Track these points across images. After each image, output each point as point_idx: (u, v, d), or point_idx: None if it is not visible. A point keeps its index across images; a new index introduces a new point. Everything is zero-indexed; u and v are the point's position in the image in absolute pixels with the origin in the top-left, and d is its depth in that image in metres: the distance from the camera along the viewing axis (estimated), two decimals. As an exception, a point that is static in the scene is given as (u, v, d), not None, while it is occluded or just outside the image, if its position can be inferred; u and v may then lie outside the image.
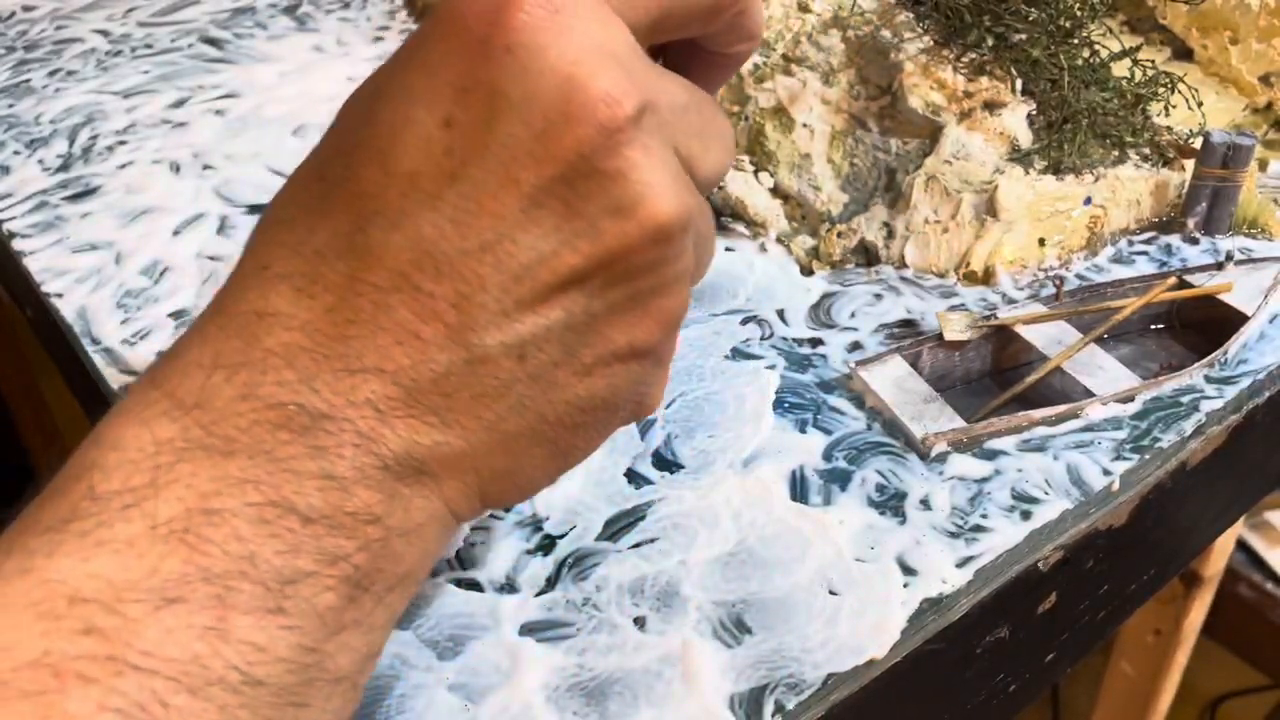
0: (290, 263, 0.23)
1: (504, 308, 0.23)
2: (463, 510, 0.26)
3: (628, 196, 0.23)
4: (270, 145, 0.59)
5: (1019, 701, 0.40)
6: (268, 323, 0.23)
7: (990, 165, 0.49)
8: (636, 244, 0.23)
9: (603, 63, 0.22)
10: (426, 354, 0.23)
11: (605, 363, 0.25)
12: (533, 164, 0.22)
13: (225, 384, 0.23)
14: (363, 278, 0.23)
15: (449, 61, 0.22)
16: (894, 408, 0.40)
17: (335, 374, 0.23)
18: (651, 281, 0.24)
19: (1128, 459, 0.38)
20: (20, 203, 0.55)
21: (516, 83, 0.22)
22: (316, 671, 0.23)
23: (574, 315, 0.24)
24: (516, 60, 0.22)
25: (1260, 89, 0.57)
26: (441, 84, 0.22)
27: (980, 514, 0.36)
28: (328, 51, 0.70)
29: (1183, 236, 0.50)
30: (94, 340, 0.45)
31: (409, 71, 0.23)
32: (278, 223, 0.24)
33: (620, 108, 0.22)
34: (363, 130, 0.23)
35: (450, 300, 0.23)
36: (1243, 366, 0.42)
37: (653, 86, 0.23)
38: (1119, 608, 0.43)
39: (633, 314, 0.25)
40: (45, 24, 0.76)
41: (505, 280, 0.23)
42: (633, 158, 0.22)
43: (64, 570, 0.21)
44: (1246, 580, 1.07)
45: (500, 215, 0.22)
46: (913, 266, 0.48)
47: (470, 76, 0.22)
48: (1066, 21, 0.50)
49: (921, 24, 0.52)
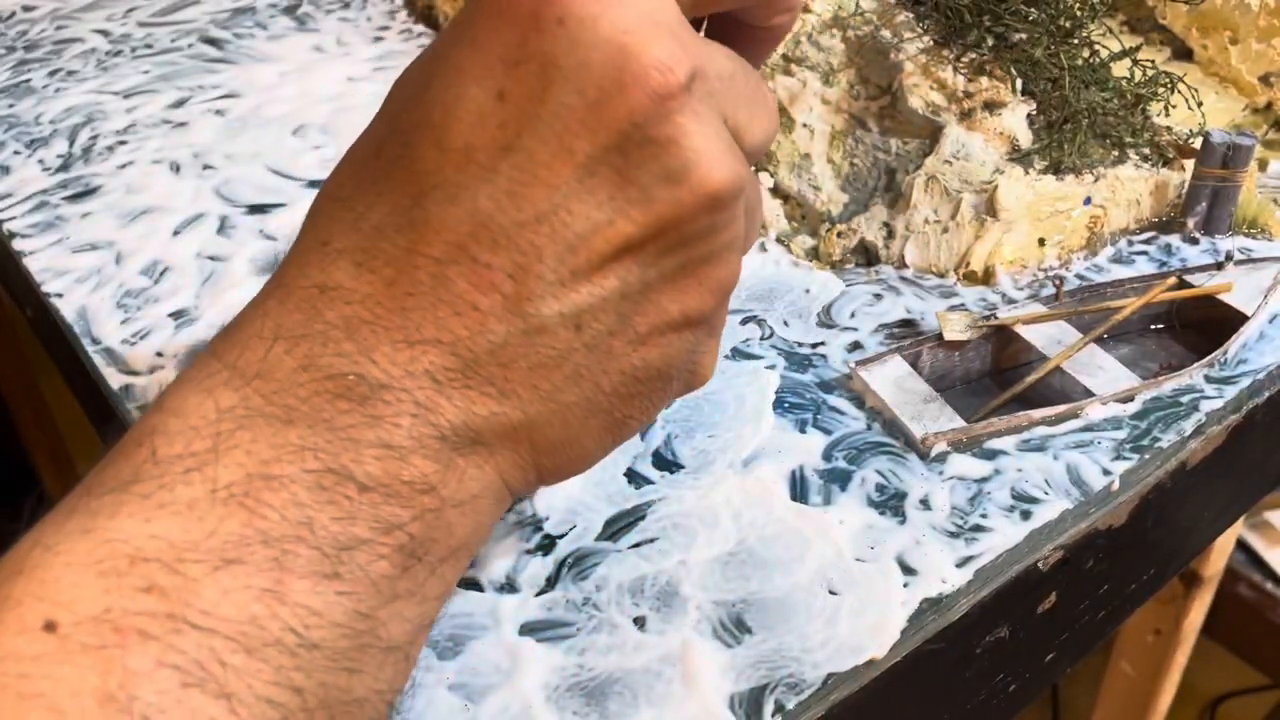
0: (349, 238, 0.24)
1: (560, 277, 0.23)
2: (516, 483, 0.26)
3: (680, 163, 0.23)
4: (270, 145, 0.59)
5: (1019, 701, 0.40)
6: (328, 296, 0.23)
7: (990, 165, 0.49)
8: (689, 211, 0.23)
9: (654, 31, 0.22)
10: (484, 325, 0.23)
11: (659, 331, 0.25)
12: (586, 133, 0.22)
13: (286, 355, 0.23)
14: (421, 251, 0.23)
15: (499, 36, 0.22)
16: (894, 408, 0.40)
17: (394, 345, 0.23)
18: (704, 249, 0.24)
19: (1127, 459, 0.38)
20: (20, 203, 0.55)
21: (569, 53, 0.22)
22: (370, 639, 0.23)
23: (629, 284, 0.24)
24: (568, 31, 0.22)
25: (1260, 89, 0.57)
26: (492, 59, 0.22)
27: (980, 514, 0.36)
28: (328, 51, 0.70)
29: (1183, 236, 0.50)
30: (94, 340, 0.45)
31: (459, 48, 0.23)
32: (336, 200, 0.25)
33: (672, 75, 0.22)
34: (417, 109, 0.23)
35: (507, 271, 0.23)
36: (1242, 366, 0.42)
37: (702, 54, 0.23)
38: (1119, 608, 0.43)
39: (686, 282, 0.25)
40: (45, 24, 0.76)
41: (561, 250, 0.23)
42: (685, 125, 0.22)
43: (126, 530, 0.21)
44: (1246, 580, 1.07)
45: (554, 185, 0.23)
46: (913, 266, 0.48)
47: (521, 49, 0.22)
48: (1066, 21, 0.50)
49: (921, 24, 0.52)
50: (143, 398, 0.42)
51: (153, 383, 0.43)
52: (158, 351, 0.44)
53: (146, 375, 0.43)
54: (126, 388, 0.43)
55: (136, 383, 0.43)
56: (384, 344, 0.23)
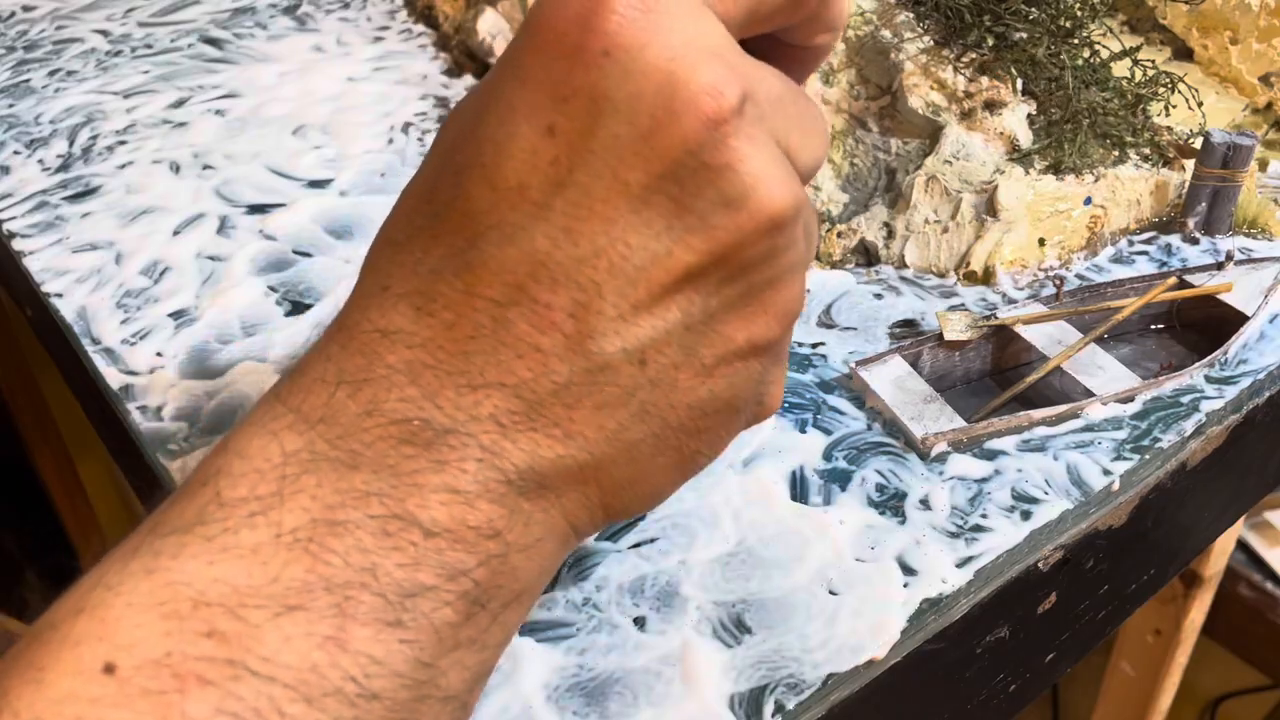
0: (409, 282, 0.23)
1: (621, 312, 0.23)
2: (583, 524, 0.25)
3: (737, 188, 0.22)
4: (270, 145, 0.59)
5: (1019, 701, 0.40)
6: (390, 340, 0.23)
7: (990, 165, 0.49)
8: (750, 236, 0.23)
9: (701, 56, 0.22)
10: (547, 366, 0.23)
11: (725, 361, 0.25)
12: (640, 163, 0.22)
13: (349, 400, 0.23)
14: (479, 293, 0.23)
15: (546, 71, 0.22)
16: (894, 408, 0.40)
17: (458, 389, 0.23)
18: (766, 274, 0.24)
19: (1128, 459, 0.38)
20: (20, 203, 0.55)
21: (617, 85, 0.22)
22: (430, 688, 0.23)
23: (691, 315, 0.24)
24: (615, 62, 0.22)
25: (1260, 89, 0.57)
26: (540, 94, 0.22)
27: (980, 514, 0.36)
28: (328, 51, 0.70)
29: (1183, 236, 0.50)
30: (94, 340, 0.45)
31: (506, 86, 0.23)
32: (393, 244, 0.24)
33: (724, 99, 0.22)
34: (467, 149, 0.23)
35: (567, 309, 0.23)
36: (1243, 366, 0.42)
37: (752, 76, 0.23)
38: (1119, 608, 0.43)
39: (750, 309, 0.24)
40: (45, 24, 0.76)
41: (621, 284, 0.23)
42: (739, 149, 0.22)
43: (189, 573, 0.21)
44: (1246, 580, 1.07)
45: (611, 219, 0.22)
46: (913, 266, 0.48)
47: (568, 84, 0.22)
48: (1067, 21, 0.50)
49: (921, 24, 0.52)
50: (142, 398, 0.42)
51: (152, 382, 0.43)
52: (157, 351, 0.44)
53: (146, 375, 0.43)
54: (126, 388, 0.43)
55: (136, 383, 0.43)
56: (447, 388, 0.23)
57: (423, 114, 0.62)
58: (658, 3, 0.22)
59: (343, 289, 0.48)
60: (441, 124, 0.25)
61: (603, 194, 0.22)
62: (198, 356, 0.44)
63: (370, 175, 0.56)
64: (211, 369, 0.43)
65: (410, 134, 0.60)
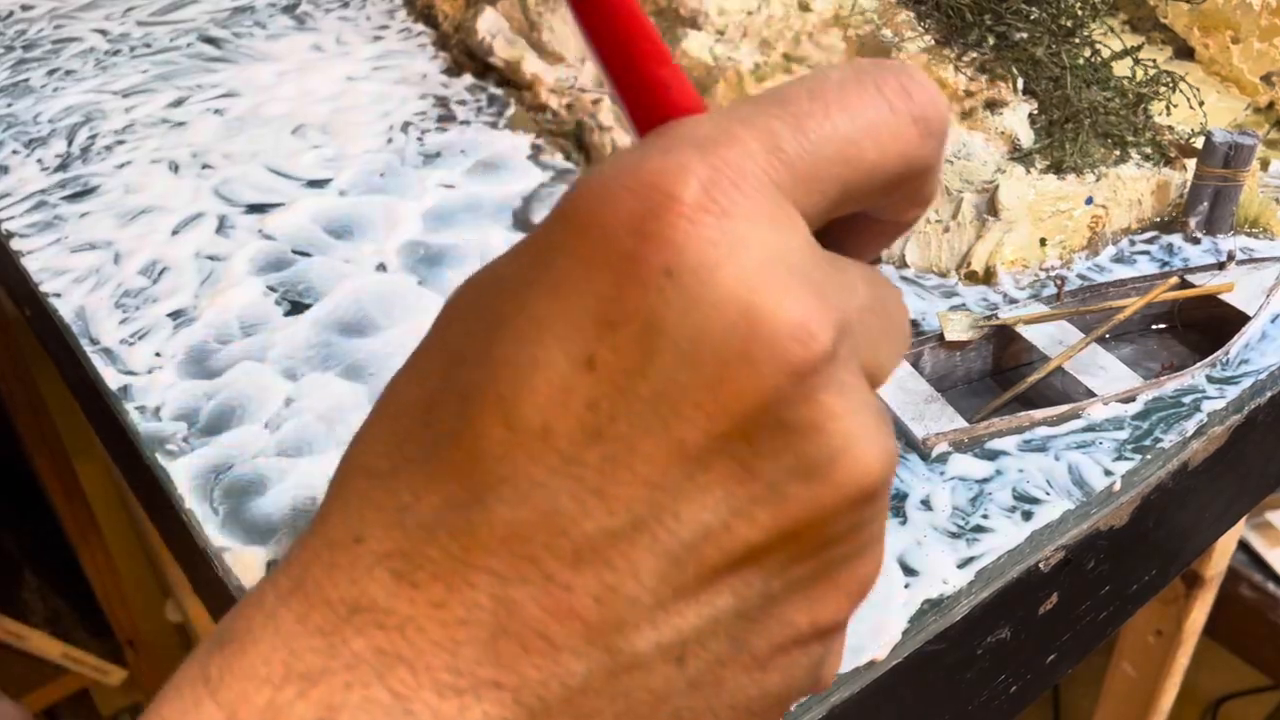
0: (389, 537, 0.19)
1: (660, 599, 0.18)
2: None
3: (824, 453, 0.18)
4: (269, 145, 0.59)
5: (1020, 702, 0.40)
6: (359, 621, 0.18)
7: (991, 165, 0.49)
8: (832, 511, 0.18)
9: (789, 284, 0.17)
10: (559, 663, 0.18)
11: (783, 650, 0.20)
12: (702, 418, 0.17)
13: (299, 700, 0.18)
14: (479, 564, 0.18)
15: (589, 284, 0.17)
16: (895, 408, 0.39)
17: (439, 692, 0.18)
18: (845, 550, 0.19)
19: (1129, 459, 0.38)
20: (19, 202, 0.55)
21: (681, 316, 0.17)
22: None
23: (747, 600, 0.19)
24: (679, 286, 0.17)
25: (1262, 88, 0.57)
26: (579, 314, 0.17)
27: (981, 514, 0.36)
28: (327, 51, 0.70)
29: (1184, 236, 0.50)
30: (92, 340, 0.45)
31: (534, 292, 0.18)
32: (373, 473, 0.20)
33: (815, 343, 0.17)
34: (478, 367, 0.18)
35: (593, 593, 0.18)
36: (1244, 366, 0.42)
37: (844, 299, 0.18)
38: (1120, 608, 0.43)
39: (819, 588, 0.20)
40: (44, 23, 0.76)
41: (663, 565, 0.18)
42: (829, 404, 0.18)
43: None
44: (1248, 581, 1.07)
45: (658, 485, 0.18)
46: (914, 266, 0.48)
47: (618, 307, 0.17)
48: (1068, 21, 0.50)
49: (922, 23, 0.52)
50: (141, 398, 0.42)
51: (151, 383, 0.43)
52: (156, 351, 0.44)
53: (145, 375, 0.43)
54: (125, 388, 0.43)
55: (135, 383, 0.43)
56: (425, 689, 0.18)
57: (422, 113, 0.62)
58: (737, 202, 0.17)
59: (342, 289, 0.47)
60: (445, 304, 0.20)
61: (650, 452, 0.18)
62: (196, 356, 0.44)
63: (369, 175, 0.56)
64: (210, 369, 0.43)
65: (410, 133, 0.60)
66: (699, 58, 0.54)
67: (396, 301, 0.47)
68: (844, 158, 0.19)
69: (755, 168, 0.18)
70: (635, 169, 0.18)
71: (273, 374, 0.43)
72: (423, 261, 0.49)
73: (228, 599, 0.36)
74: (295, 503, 0.38)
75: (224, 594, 0.36)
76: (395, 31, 0.73)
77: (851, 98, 0.19)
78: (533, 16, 0.62)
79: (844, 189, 0.19)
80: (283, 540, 0.36)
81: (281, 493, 0.38)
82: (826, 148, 0.19)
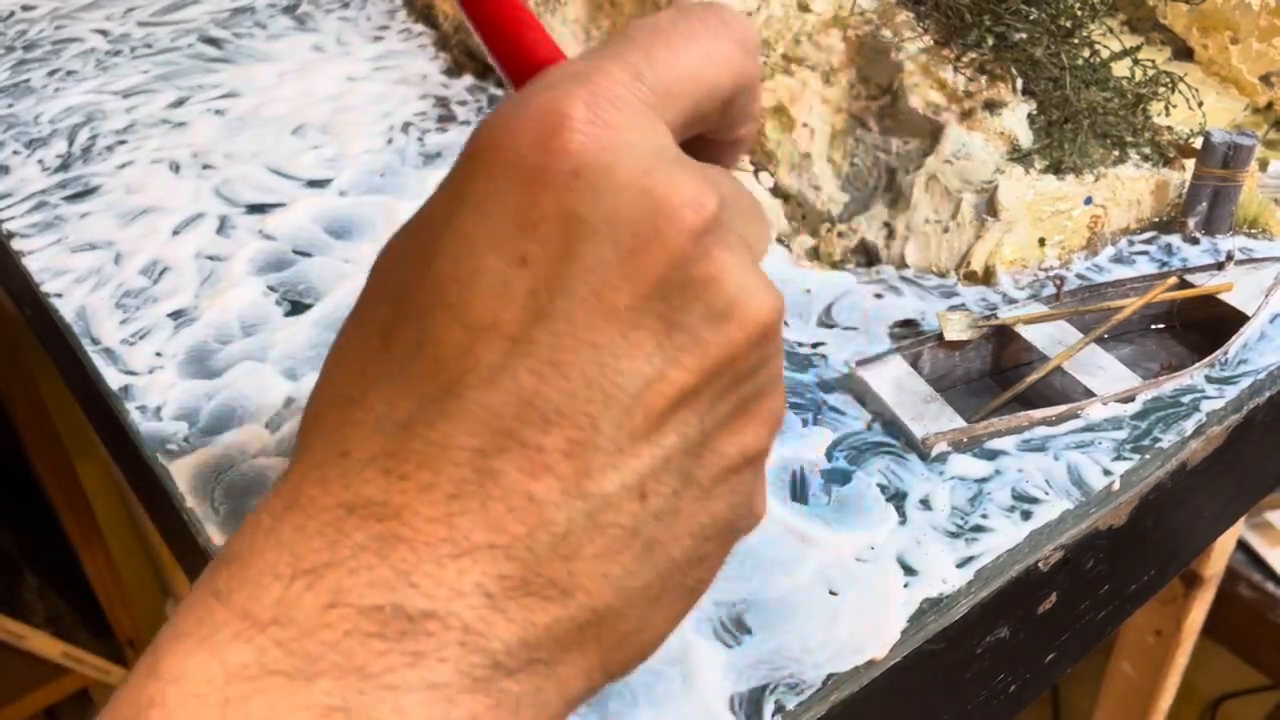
0: (373, 443, 0.21)
1: (619, 445, 0.21)
2: (580, 694, 0.23)
3: (725, 299, 0.21)
4: (270, 145, 0.59)
5: (1019, 702, 0.40)
6: (357, 516, 0.21)
7: (991, 165, 0.49)
8: (741, 348, 0.22)
9: (674, 168, 0.21)
10: (543, 515, 0.21)
11: (722, 479, 0.23)
12: (625, 284, 0.21)
13: (308, 591, 0.20)
14: (460, 444, 0.21)
15: (506, 197, 0.21)
16: (894, 408, 0.40)
17: (438, 561, 0.20)
18: (756, 384, 0.23)
19: (1128, 459, 0.38)
20: (19, 202, 0.55)
21: (592, 205, 0.20)
22: None
23: (688, 437, 0.22)
24: (586, 182, 0.20)
25: (1261, 89, 0.57)
26: (504, 223, 0.21)
27: (980, 514, 0.36)
28: (327, 51, 0.70)
29: (1183, 236, 0.50)
30: (93, 340, 0.45)
31: (460, 216, 0.21)
32: (345, 402, 0.22)
33: (705, 209, 0.21)
34: (425, 289, 0.21)
35: (562, 450, 0.21)
36: (1243, 366, 0.42)
37: (718, 182, 0.22)
38: (1119, 608, 0.43)
39: (741, 420, 0.23)
40: (44, 24, 0.76)
41: (617, 415, 0.21)
42: (723, 259, 0.21)
43: None
44: (1247, 580, 1.07)
45: (600, 345, 0.21)
46: (913, 266, 0.48)
47: (536, 209, 0.21)
48: (1067, 21, 0.50)
49: (922, 23, 0.52)
50: (141, 398, 0.42)
51: (152, 383, 0.43)
52: (157, 351, 0.44)
53: (145, 375, 0.43)
54: (125, 388, 0.43)
55: (135, 383, 0.43)
56: (426, 561, 0.20)
57: (422, 114, 0.62)
58: (617, 117, 0.21)
59: (342, 289, 0.48)
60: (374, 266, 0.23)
61: (589, 320, 0.21)
62: (197, 356, 0.44)
63: (370, 175, 0.56)
64: (211, 369, 0.43)
65: (410, 134, 0.60)
66: (699, 58, 0.54)
67: (397, 301, 0.47)
68: (690, 77, 0.23)
69: (624, 91, 0.21)
70: (528, 102, 0.21)
71: (273, 374, 0.43)
72: (423, 262, 0.49)
73: (228, 598, 0.36)
74: (296, 502, 0.38)
75: (225, 593, 0.36)
76: (395, 32, 0.73)
77: (687, 31, 0.23)
78: (533, 17, 0.62)
79: (694, 105, 0.23)
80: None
81: (282, 492, 0.38)
82: (676, 71, 0.22)
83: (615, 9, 0.60)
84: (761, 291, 0.22)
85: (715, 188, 0.22)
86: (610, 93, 0.21)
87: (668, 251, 0.21)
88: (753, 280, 0.22)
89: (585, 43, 0.61)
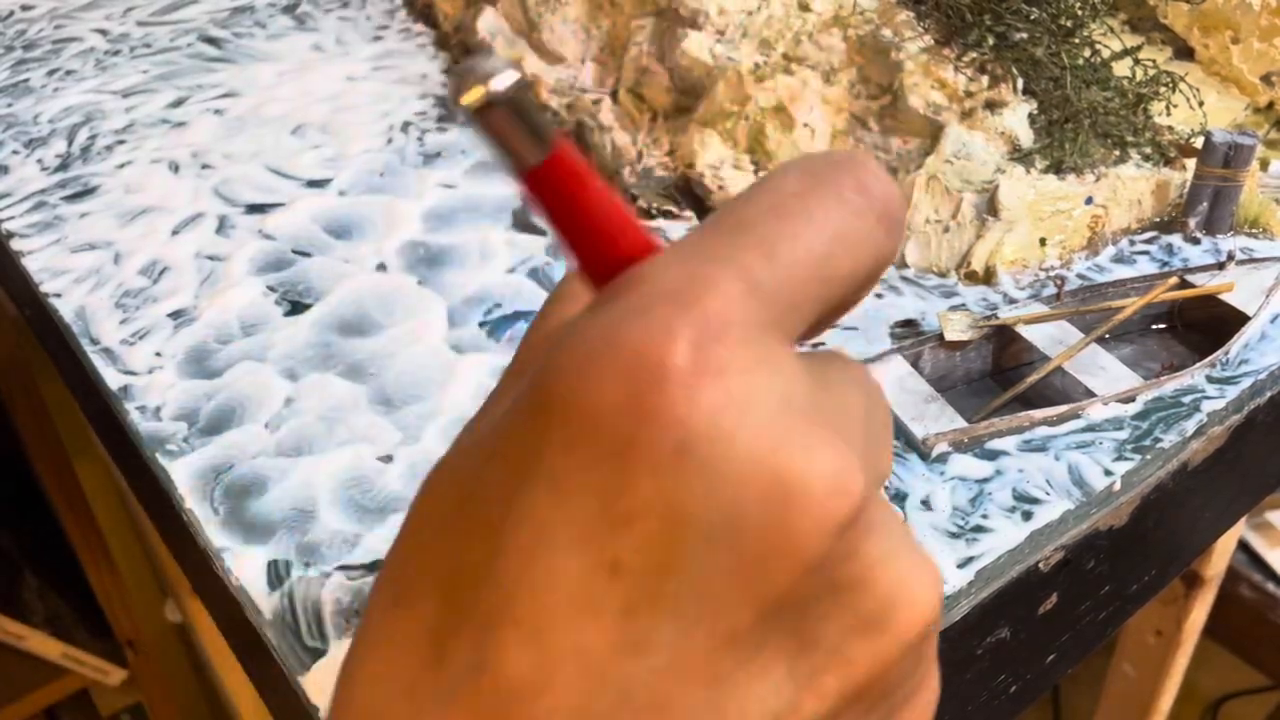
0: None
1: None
2: None
3: (877, 603, 0.17)
4: (269, 145, 0.59)
5: (1020, 702, 0.40)
6: None
7: (991, 165, 0.49)
8: (897, 658, 0.17)
9: (808, 432, 0.16)
10: None
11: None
12: (749, 600, 0.16)
13: None
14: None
15: (590, 476, 0.16)
16: (895, 408, 0.39)
17: None
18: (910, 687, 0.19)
19: (1129, 459, 0.38)
20: (19, 202, 0.55)
21: (704, 498, 0.15)
22: None
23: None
24: (695, 463, 0.15)
25: (1262, 88, 0.57)
26: (588, 512, 0.16)
27: (981, 514, 0.36)
28: (327, 51, 0.70)
29: (1184, 236, 0.50)
30: (92, 340, 0.45)
31: (530, 495, 0.16)
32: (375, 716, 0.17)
33: (853, 494, 0.16)
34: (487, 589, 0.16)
35: None
36: (1244, 367, 0.42)
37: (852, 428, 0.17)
38: (1120, 608, 0.43)
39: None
40: (44, 23, 0.76)
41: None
42: (875, 553, 0.17)
43: None
44: (1248, 581, 1.07)
45: (715, 682, 0.16)
46: (913, 266, 0.48)
47: (631, 498, 0.15)
48: (1068, 21, 0.50)
49: (922, 23, 0.52)
50: (141, 398, 0.42)
51: (151, 383, 0.43)
52: (156, 351, 0.44)
53: (145, 375, 0.43)
54: (125, 388, 0.43)
55: (135, 383, 0.43)
56: None
57: (422, 113, 0.62)
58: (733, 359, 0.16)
59: (342, 289, 0.47)
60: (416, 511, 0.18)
61: (700, 650, 0.16)
62: (196, 356, 0.44)
63: (369, 175, 0.56)
64: (210, 369, 0.43)
65: (410, 133, 0.60)
66: (699, 58, 0.54)
67: (396, 301, 0.47)
68: (820, 277, 0.17)
69: (739, 314, 0.16)
70: (612, 339, 0.16)
71: (273, 374, 0.43)
72: (423, 261, 0.49)
73: (228, 599, 0.36)
74: (295, 503, 0.38)
75: (224, 594, 0.36)
76: (395, 31, 0.73)
77: (815, 208, 0.17)
78: (533, 16, 0.62)
79: (824, 306, 0.18)
80: (283, 539, 0.36)
81: (282, 493, 0.38)
82: (802, 271, 0.17)
83: (615, 9, 0.60)
84: (920, 584, 0.17)
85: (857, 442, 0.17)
86: (721, 320, 0.16)
87: (805, 555, 0.16)
88: (908, 569, 0.17)
89: (585, 42, 0.61)
